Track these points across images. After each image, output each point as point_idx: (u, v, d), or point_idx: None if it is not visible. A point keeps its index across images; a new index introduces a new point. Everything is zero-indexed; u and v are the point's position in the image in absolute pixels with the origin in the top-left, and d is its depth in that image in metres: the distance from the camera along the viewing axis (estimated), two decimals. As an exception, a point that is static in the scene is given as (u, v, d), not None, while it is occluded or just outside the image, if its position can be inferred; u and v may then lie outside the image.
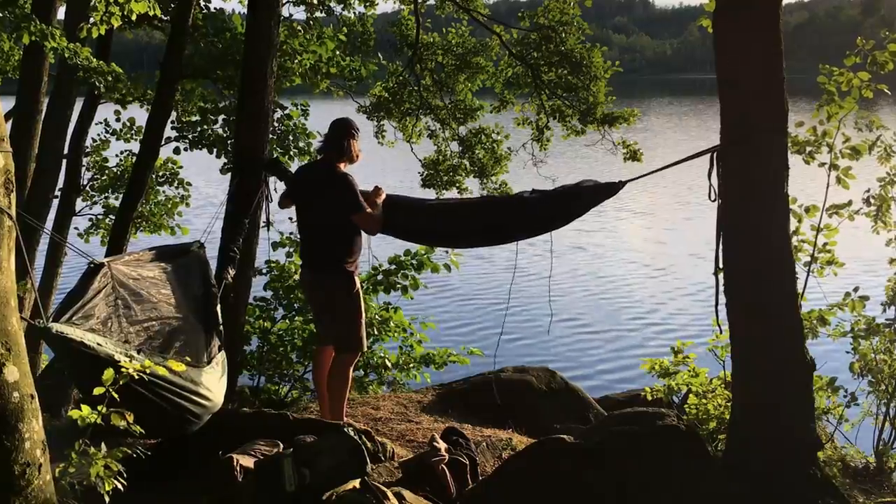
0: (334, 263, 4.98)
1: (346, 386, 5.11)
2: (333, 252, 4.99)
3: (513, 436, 5.39)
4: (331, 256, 5.00)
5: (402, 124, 12.01)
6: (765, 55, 3.82)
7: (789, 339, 3.91)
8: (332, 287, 5.03)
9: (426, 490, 4.13)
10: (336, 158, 5.04)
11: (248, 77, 5.87)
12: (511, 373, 6.78)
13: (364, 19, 10.82)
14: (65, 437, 3.11)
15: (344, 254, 4.97)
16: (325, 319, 5.24)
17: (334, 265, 4.98)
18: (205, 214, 13.28)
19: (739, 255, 3.95)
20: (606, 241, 18.74)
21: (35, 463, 2.48)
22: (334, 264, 4.98)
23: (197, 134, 8.92)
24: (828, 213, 4.91)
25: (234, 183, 5.76)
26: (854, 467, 4.84)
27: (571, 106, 11.25)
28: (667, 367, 5.46)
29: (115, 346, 3.78)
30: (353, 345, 5.07)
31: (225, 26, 8.65)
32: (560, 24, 10.93)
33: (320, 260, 5.07)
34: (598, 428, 4.44)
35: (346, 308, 5.02)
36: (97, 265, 4.28)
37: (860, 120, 5.07)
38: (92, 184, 10.74)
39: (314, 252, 5.12)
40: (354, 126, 5.14)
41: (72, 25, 8.73)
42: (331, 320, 5.13)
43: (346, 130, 5.08)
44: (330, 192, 4.96)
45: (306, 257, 5.19)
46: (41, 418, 2.57)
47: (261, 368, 7.38)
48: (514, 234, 5.10)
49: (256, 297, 7.39)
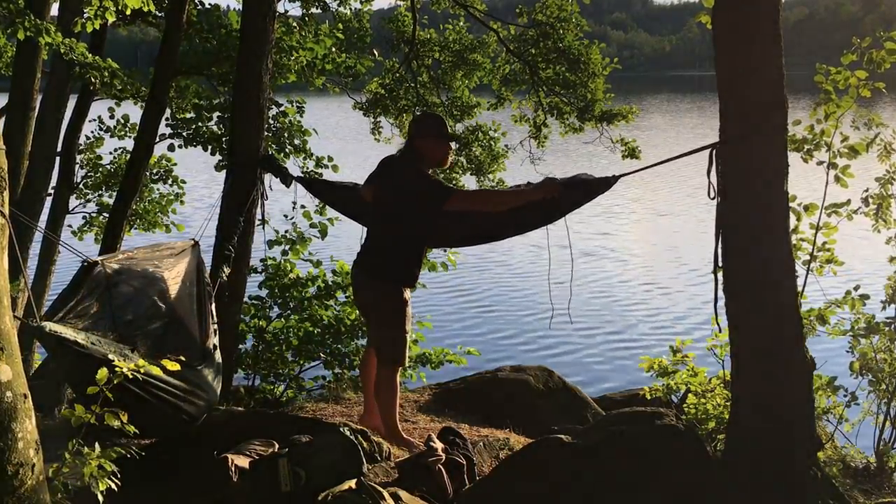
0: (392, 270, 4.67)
1: (393, 398, 4.81)
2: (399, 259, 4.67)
3: (510, 435, 5.36)
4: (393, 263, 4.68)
5: (399, 121, 11.98)
6: (764, 52, 3.79)
7: (789, 338, 3.88)
8: (380, 291, 4.71)
9: (423, 490, 4.09)
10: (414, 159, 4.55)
11: (243, 74, 5.83)
12: (508, 372, 6.75)
13: (360, 15, 10.78)
14: (58, 436, 3.09)
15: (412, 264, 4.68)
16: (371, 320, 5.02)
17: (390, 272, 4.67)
18: (200, 212, 13.26)
19: (739, 254, 3.92)
20: (604, 239, 18.73)
21: (28, 463, 2.47)
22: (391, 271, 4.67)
23: (192, 131, 8.89)
24: (826, 213, 4.88)
25: (229, 181, 5.73)
26: (854, 467, 4.82)
27: (569, 103, 11.24)
28: (665, 366, 5.43)
29: (109, 345, 3.79)
30: (395, 356, 4.74)
31: (220, 22, 8.63)
32: (558, 20, 10.92)
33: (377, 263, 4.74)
34: (596, 427, 4.40)
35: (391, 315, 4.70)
36: (91, 263, 4.25)
37: (858, 118, 5.05)
38: (86, 181, 10.71)
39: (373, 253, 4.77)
40: (440, 122, 4.64)
41: (66, 21, 8.69)
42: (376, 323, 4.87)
43: (418, 128, 4.61)
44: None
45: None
46: (34, 418, 2.56)
47: (256, 368, 7.36)
48: (505, 231, 4.95)
49: (252, 295, 7.36)
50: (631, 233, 19.99)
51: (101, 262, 4.33)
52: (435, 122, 4.75)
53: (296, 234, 7.66)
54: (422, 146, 4.58)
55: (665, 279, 15.81)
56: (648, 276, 16.17)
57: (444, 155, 4.65)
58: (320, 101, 13.65)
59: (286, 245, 7.59)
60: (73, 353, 3.56)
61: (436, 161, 4.65)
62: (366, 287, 4.81)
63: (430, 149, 4.58)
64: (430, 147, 4.59)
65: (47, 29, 6.68)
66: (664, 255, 17.54)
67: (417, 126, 4.70)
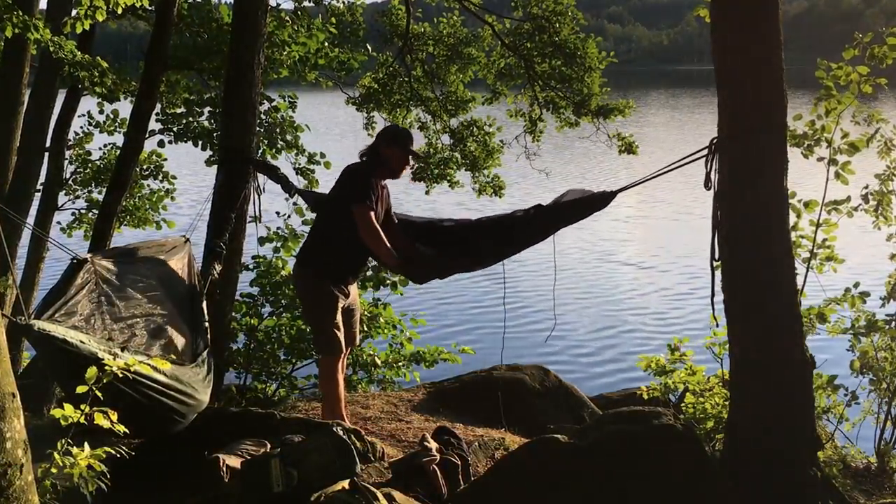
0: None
1: (330, 387, 5.00)
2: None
3: (506, 435, 5.32)
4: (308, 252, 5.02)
5: (393, 116, 11.91)
6: (763, 45, 3.75)
7: (788, 336, 3.85)
8: (301, 282, 5.08)
9: (417, 491, 4.07)
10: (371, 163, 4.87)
11: (234, 68, 5.78)
12: (504, 371, 6.71)
13: (353, 9, 10.71)
14: (47, 436, 3.02)
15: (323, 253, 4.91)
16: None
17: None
18: (191, 208, 13.18)
19: (737, 251, 3.89)
20: (601, 237, 18.69)
21: (16, 463, 2.42)
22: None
23: (182, 126, 8.82)
24: (826, 210, 4.85)
25: (220, 177, 5.68)
26: (855, 467, 4.81)
27: (565, 97, 11.17)
28: (663, 364, 5.41)
29: (99, 343, 3.76)
30: (319, 347, 5.03)
31: (211, 16, 8.57)
32: (554, 13, 10.84)
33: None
34: (592, 427, 4.37)
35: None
36: (80, 261, 4.23)
37: (857, 114, 5.01)
38: (75, 177, 10.60)
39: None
40: (402, 134, 4.94)
41: (55, 15, 8.60)
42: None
43: (379, 137, 4.94)
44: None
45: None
46: (23, 417, 2.51)
47: (247, 366, 7.31)
48: (509, 250, 5.08)
49: (243, 293, 7.31)
50: (628, 230, 19.95)
51: (91, 260, 4.32)
52: (407, 136, 4.99)
53: (287, 230, 7.60)
54: (388, 153, 4.83)
55: (663, 276, 15.75)
56: (646, 273, 16.12)
57: (402, 167, 4.90)
58: (312, 95, 13.61)
59: (278, 242, 7.53)
60: (62, 351, 3.52)
61: (391, 171, 4.87)
62: (295, 276, 5.27)
63: (394, 157, 4.84)
64: (395, 155, 4.84)
65: (35, 25, 6.61)
66: (662, 252, 17.47)
67: (392, 135, 4.94)
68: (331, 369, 4.98)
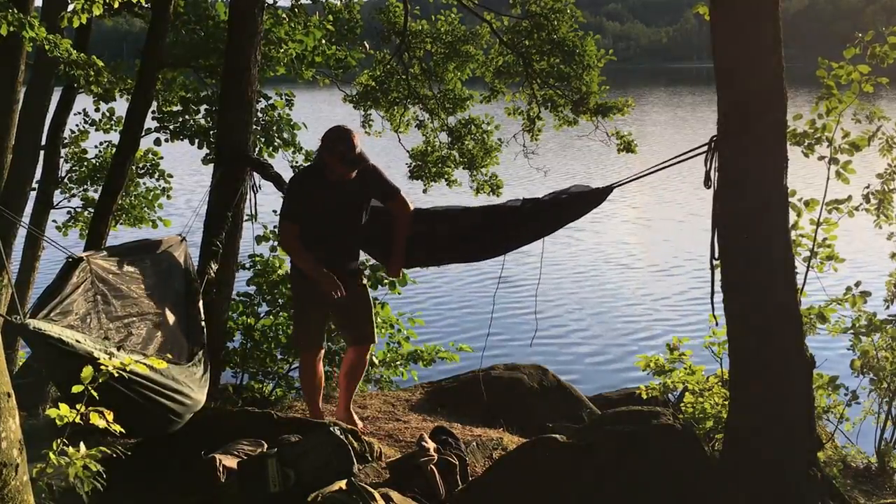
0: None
1: (302, 384, 5.30)
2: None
3: (503, 435, 5.31)
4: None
5: (390, 114, 11.89)
6: (763, 43, 3.72)
7: (788, 336, 3.83)
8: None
9: (414, 491, 4.07)
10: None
11: (231, 66, 5.76)
12: (502, 370, 6.70)
13: (350, 6, 10.68)
14: (42, 436, 3.01)
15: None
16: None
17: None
18: (187, 207, 13.15)
19: (737, 250, 3.86)
20: (599, 236, 18.66)
21: (12, 463, 2.40)
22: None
23: (178, 124, 8.78)
24: (827, 209, 4.83)
25: (216, 175, 5.66)
26: (855, 468, 4.80)
27: (564, 95, 11.13)
28: (662, 364, 5.38)
29: (95, 342, 3.73)
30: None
31: (207, 14, 8.53)
32: (552, 11, 10.80)
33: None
34: (591, 427, 4.38)
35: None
36: (76, 259, 4.21)
37: (858, 112, 5.00)
38: (70, 176, 10.56)
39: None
40: (330, 137, 4.78)
41: (50, 14, 8.56)
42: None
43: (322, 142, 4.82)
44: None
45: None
46: (18, 417, 2.49)
47: (244, 366, 7.29)
48: (506, 245, 5.05)
49: (240, 292, 7.29)
50: (626, 229, 19.92)
51: (86, 258, 4.30)
52: (334, 138, 4.80)
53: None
54: (324, 157, 4.74)
55: (662, 276, 15.72)
56: (645, 273, 16.10)
57: (337, 169, 4.75)
58: (309, 93, 13.60)
59: (275, 241, 7.50)
60: (58, 350, 3.50)
61: (332, 172, 4.77)
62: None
63: (328, 161, 4.73)
64: (327, 159, 4.73)
65: (31, 23, 6.57)
66: (660, 252, 17.44)
67: (322, 140, 4.81)
68: (302, 363, 5.22)
